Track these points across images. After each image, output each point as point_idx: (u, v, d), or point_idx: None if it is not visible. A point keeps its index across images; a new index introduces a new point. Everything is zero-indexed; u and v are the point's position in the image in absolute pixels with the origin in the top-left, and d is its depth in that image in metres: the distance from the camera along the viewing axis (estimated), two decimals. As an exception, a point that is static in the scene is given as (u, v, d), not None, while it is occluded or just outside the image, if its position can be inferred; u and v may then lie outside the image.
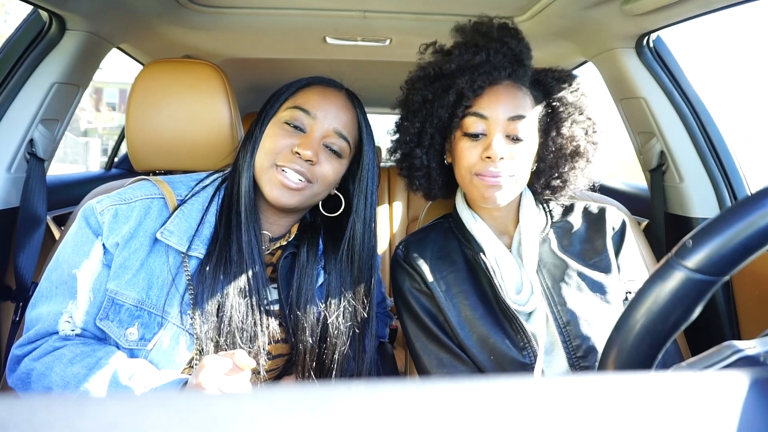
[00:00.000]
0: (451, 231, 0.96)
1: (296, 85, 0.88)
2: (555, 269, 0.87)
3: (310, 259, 0.88)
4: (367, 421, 0.24)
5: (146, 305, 0.76)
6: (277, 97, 0.87)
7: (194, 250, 0.79)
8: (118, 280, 0.75)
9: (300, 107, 0.83)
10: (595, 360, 0.81)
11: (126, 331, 0.75)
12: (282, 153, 0.81)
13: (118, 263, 0.76)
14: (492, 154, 0.80)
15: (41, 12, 1.18)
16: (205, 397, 0.25)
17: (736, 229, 0.35)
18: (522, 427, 0.24)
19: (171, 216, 0.80)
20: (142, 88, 1.11)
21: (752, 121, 31.00)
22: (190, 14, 1.41)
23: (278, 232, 0.90)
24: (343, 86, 0.91)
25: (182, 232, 0.79)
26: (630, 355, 0.39)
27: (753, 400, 0.27)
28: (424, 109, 0.89)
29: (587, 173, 0.92)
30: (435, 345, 0.88)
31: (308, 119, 0.83)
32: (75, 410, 0.23)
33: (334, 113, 0.84)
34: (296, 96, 0.86)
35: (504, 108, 0.82)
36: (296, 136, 0.82)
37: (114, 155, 2.09)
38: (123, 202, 0.79)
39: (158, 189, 0.82)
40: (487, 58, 0.84)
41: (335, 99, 0.86)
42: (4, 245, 1.19)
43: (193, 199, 0.84)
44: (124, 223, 0.77)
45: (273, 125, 0.84)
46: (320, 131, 0.83)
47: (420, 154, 0.91)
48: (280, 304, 0.86)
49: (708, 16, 1.12)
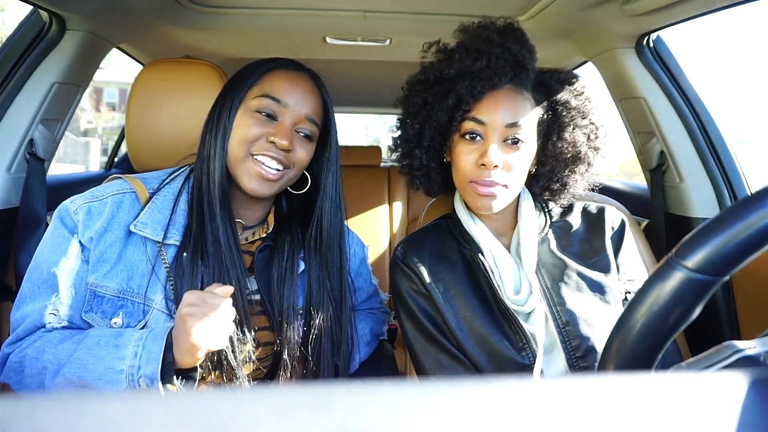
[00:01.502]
0: (449, 232, 0.96)
1: (260, 70, 0.87)
2: (554, 269, 0.87)
3: (288, 248, 0.89)
4: (367, 421, 0.24)
5: (128, 294, 0.77)
6: (241, 82, 0.86)
7: (170, 239, 0.81)
8: (96, 273, 0.77)
9: (270, 95, 0.83)
10: (594, 360, 0.81)
11: (111, 322, 0.77)
12: (257, 142, 0.82)
13: (95, 257, 0.77)
14: (487, 162, 0.80)
15: (41, 12, 1.18)
16: (205, 396, 0.25)
17: (736, 229, 0.35)
18: (522, 427, 0.24)
19: (143, 208, 0.81)
20: (142, 88, 1.11)
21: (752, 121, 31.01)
22: (190, 14, 1.41)
23: (252, 219, 0.91)
24: (306, 67, 0.91)
25: (156, 223, 0.81)
26: (630, 356, 0.39)
27: (753, 400, 0.27)
28: (423, 111, 0.88)
29: (587, 178, 0.92)
30: (434, 347, 0.88)
31: (279, 107, 0.84)
32: (75, 410, 0.23)
33: (304, 99, 0.85)
34: (263, 82, 0.85)
35: (503, 114, 0.82)
36: (269, 125, 0.83)
37: (114, 155, 2.09)
38: (95, 199, 0.81)
39: (129, 185, 0.84)
40: (488, 63, 0.83)
41: (303, 84, 0.87)
42: (4, 245, 1.20)
43: (165, 190, 0.85)
44: (98, 218, 0.79)
45: (243, 114, 0.84)
46: (292, 118, 0.84)
47: (419, 155, 0.91)
48: (261, 295, 0.87)
49: (708, 16, 1.12)
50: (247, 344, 0.81)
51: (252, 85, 0.85)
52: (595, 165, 0.91)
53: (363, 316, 1.07)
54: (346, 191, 1.00)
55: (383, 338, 1.13)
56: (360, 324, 1.03)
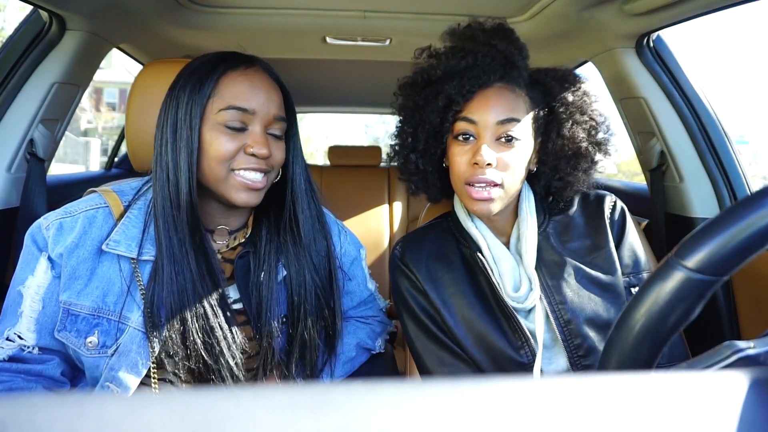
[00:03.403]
0: (449, 230, 0.96)
1: (212, 76, 0.79)
2: (554, 266, 0.87)
3: (267, 252, 0.87)
4: (367, 421, 0.24)
5: (104, 312, 0.76)
6: (195, 93, 0.79)
7: (145, 254, 0.78)
8: (70, 290, 0.75)
9: (234, 106, 0.78)
10: (595, 359, 0.81)
11: (85, 341, 0.75)
12: (235, 158, 0.79)
13: (67, 273, 0.76)
14: (479, 160, 0.80)
15: (41, 12, 1.18)
16: (205, 396, 0.25)
17: (736, 229, 0.35)
18: (522, 427, 0.24)
19: (116, 225, 0.79)
20: (142, 88, 1.10)
21: (753, 121, 30.98)
22: (190, 14, 1.41)
23: (236, 225, 0.90)
24: (255, 58, 0.86)
25: (130, 239, 0.78)
26: (630, 355, 0.39)
27: (753, 400, 0.27)
28: (416, 115, 0.88)
29: (590, 174, 0.91)
30: (435, 344, 0.88)
31: (246, 116, 0.79)
32: (75, 410, 0.23)
33: (268, 99, 0.81)
34: (220, 90, 0.79)
35: (495, 111, 0.81)
36: (241, 136, 0.79)
37: (114, 155, 2.09)
38: (67, 215, 0.79)
39: (103, 199, 0.82)
40: (475, 62, 0.83)
41: (262, 82, 0.82)
42: (4, 245, 1.20)
43: (139, 202, 0.83)
44: (69, 234, 0.77)
45: (210, 130, 0.78)
46: (261, 123, 0.81)
47: (414, 159, 0.90)
48: (243, 302, 0.85)
49: (708, 16, 1.12)
50: (233, 358, 0.79)
51: (209, 95, 0.79)
52: (597, 161, 0.90)
53: (352, 327, 1.02)
54: (346, 191, 1.00)
55: (374, 352, 1.04)
56: (346, 337, 0.98)
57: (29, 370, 0.76)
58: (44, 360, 0.77)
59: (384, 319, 1.10)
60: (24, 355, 0.76)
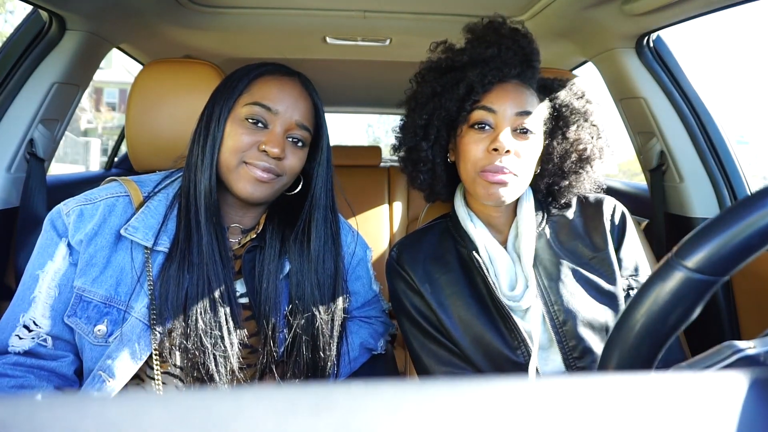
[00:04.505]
0: (448, 231, 0.96)
1: (248, 77, 0.84)
2: (551, 266, 0.87)
3: (273, 247, 0.88)
4: (367, 421, 0.24)
5: (114, 302, 0.77)
6: (229, 90, 0.84)
7: (160, 245, 0.79)
8: (85, 277, 0.76)
9: (259, 103, 0.81)
10: (591, 360, 0.81)
11: (94, 328, 0.76)
12: (248, 151, 0.81)
13: (84, 260, 0.76)
14: (499, 146, 0.80)
15: (41, 12, 1.18)
16: (206, 396, 0.25)
17: (736, 229, 0.35)
18: (523, 427, 0.24)
19: (136, 212, 0.80)
20: (142, 88, 1.11)
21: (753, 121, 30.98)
22: (190, 14, 1.41)
23: (249, 223, 0.91)
24: (295, 72, 0.89)
25: (148, 228, 0.79)
26: (630, 355, 0.39)
27: (753, 400, 0.27)
28: (432, 102, 0.89)
29: (592, 177, 0.92)
30: (433, 344, 0.88)
31: (269, 115, 0.82)
32: (75, 410, 0.23)
33: (294, 105, 0.83)
34: (251, 89, 0.83)
35: (512, 104, 0.83)
36: (260, 133, 0.81)
37: (114, 155, 2.09)
38: (88, 202, 0.80)
39: (124, 188, 0.83)
40: (498, 53, 0.85)
41: (292, 89, 0.85)
42: (4, 245, 1.20)
43: (159, 195, 0.84)
44: (89, 221, 0.78)
45: (233, 123, 0.82)
46: (283, 125, 0.82)
47: (426, 147, 0.90)
48: (249, 296, 0.86)
49: (708, 16, 1.12)
50: (233, 357, 0.80)
51: (241, 92, 0.83)
52: (599, 166, 0.91)
53: (356, 327, 1.03)
54: (345, 191, 0.99)
55: (376, 353, 1.06)
56: (349, 336, 0.99)
57: (43, 366, 0.76)
58: (58, 357, 0.78)
59: (386, 320, 1.11)
60: (39, 350, 0.76)
